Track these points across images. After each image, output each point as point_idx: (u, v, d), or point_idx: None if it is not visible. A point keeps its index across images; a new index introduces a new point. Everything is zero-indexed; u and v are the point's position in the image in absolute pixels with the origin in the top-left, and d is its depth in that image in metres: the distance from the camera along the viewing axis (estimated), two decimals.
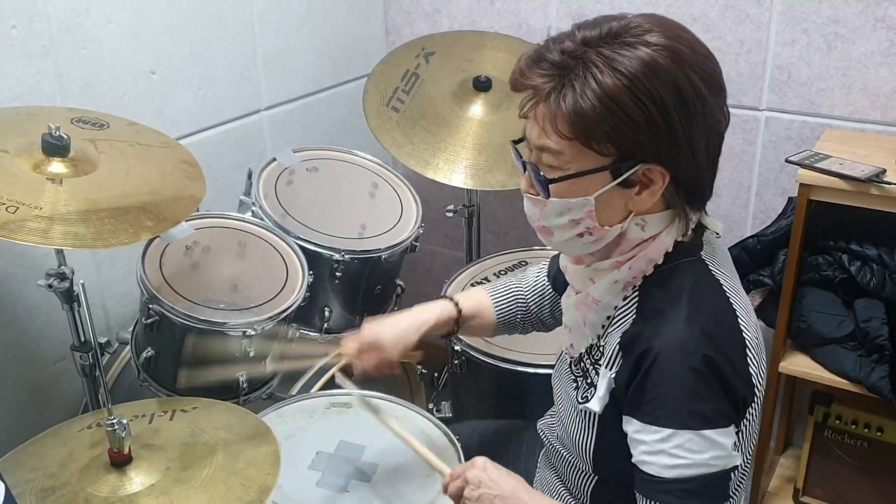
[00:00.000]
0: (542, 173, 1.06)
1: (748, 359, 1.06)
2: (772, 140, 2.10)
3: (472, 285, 2.04)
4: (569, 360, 1.24)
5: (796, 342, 1.96)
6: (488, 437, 1.58)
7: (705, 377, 1.01)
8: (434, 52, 2.22)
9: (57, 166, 1.33)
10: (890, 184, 1.69)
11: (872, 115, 1.97)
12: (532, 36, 2.31)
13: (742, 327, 1.07)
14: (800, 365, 1.93)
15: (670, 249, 1.10)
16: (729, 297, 1.08)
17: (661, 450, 1.03)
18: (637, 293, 1.11)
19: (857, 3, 1.89)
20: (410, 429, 1.52)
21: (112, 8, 1.73)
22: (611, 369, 1.10)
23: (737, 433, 1.05)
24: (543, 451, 1.39)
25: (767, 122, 2.09)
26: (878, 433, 1.97)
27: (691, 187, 1.08)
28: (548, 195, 1.07)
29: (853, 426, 2.00)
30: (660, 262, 1.10)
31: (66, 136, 1.34)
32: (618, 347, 1.09)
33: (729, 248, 1.98)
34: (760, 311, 1.99)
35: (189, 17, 1.91)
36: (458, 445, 1.48)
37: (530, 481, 1.44)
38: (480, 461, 1.21)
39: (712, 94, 1.03)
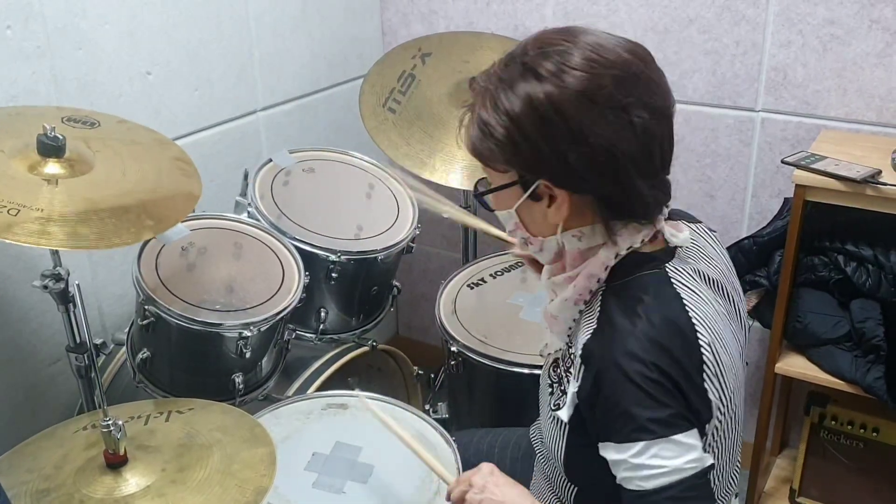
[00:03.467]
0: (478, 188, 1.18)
1: (704, 375, 1.05)
2: (767, 141, 2.10)
3: (469, 286, 2.04)
4: (550, 362, 1.25)
5: (792, 343, 1.96)
6: (484, 448, 1.58)
7: (658, 383, 1.02)
8: (430, 53, 2.23)
9: (53, 167, 1.33)
10: (885, 184, 1.69)
11: (868, 116, 1.97)
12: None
13: (701, 344, 1.06)
14: (796, 366, 1.93)
15: (610, 264, 1.10)
16: (688, 313, 1.07)
17: (638, 464, 1.03)
18: (600, 303, 1.12)
19: (853, 4, 1.90)
20: (408, 431, 1.53)
21: (108, 8, 1.73)
22: (577, 381, 1.11)
23: (702, 438, 1.05)
24: (537, 457, 1.39)
25: (763, 124, 2.09)
26: (874, 434, 1.97)
27: (609, 202, 1.08)
28: (485, 207, 1.19)
29: (849, 427, 2.00)
30: (602, 276, 1.11)
31: (61, 137, 1.33)
32: (581, 360, 1.10)
33: (725, 249, 2.00)
34: (756, 312, 2.00)
35: (185, 18, 1.91)
36: (455, 447, 1.48)
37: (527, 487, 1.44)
38: (487, 467, 1.21)
39: (587, 108, 1.01)
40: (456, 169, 2.05)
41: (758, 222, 2.14)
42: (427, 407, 2.00)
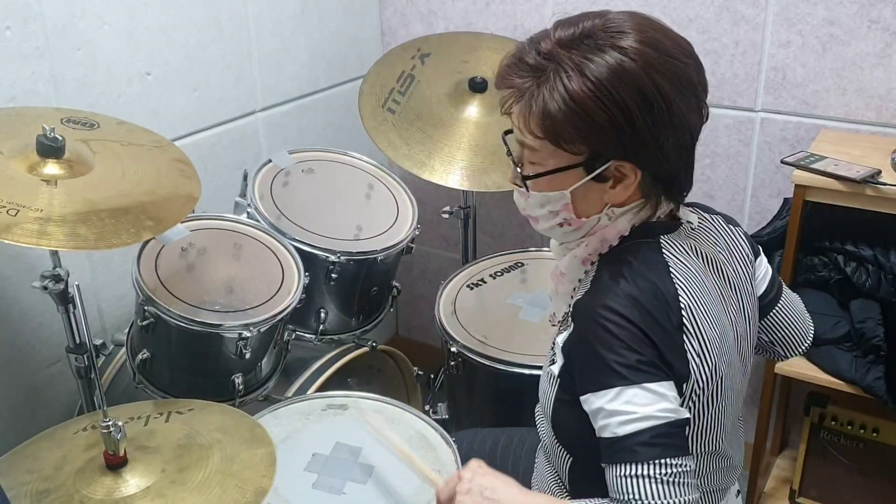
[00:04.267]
0: (520, 169, 1.15)
1: (684, 336, 1.08)
2: (767, 141, 2.10)
3: (468, 287, 2.04)
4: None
5: None
6: (488, 447, 1.58)
7: (631, 333, 1.05)
8: (429, 53, 2.22)
9: (52, 168, 1.32)
10: (885, 184, 1.69)
11: (867, 116, 1.97)
12: (527, 37, 2.30)
13: (682, 306, 1.09)
14: (795, 366, 1.93)
15: (626, 233, 1.15)
16: (673, 278, 1.11)
17: (612, 410, 1.05)
18: (596, 266, 1.17)
19: (852, 4, 1.90)
20: (407, 432, 1.53)
21: (107, 9, 1.73)
22: (565, 335, 1.15)
23: (679, 395, 1.07)
24: (541, 442, 1.39)
25: (763, 124, 2.09)
26: (874, 434, 1.97)
27: (666, 180, 1.13)
28: (527, 189, 1.15)
29: (849, 427, 2.00)
30: (614, 243, 1.16)
31: (60, 138, 1.33)
32: (570, 315, 1.15)
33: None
34: None
35: (184, 19, 1.91)
36: (455, 447, 1.48)
37: (529, 481, 1.44)
38: (474, 462, 1.22)
39: (680, 94, 1.07)
40: (455, 170, 2.05)
41: (757, 222, 2.14)
42: (427, 407, 2.00)
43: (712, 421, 1.15)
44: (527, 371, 1.74)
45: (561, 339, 1.17)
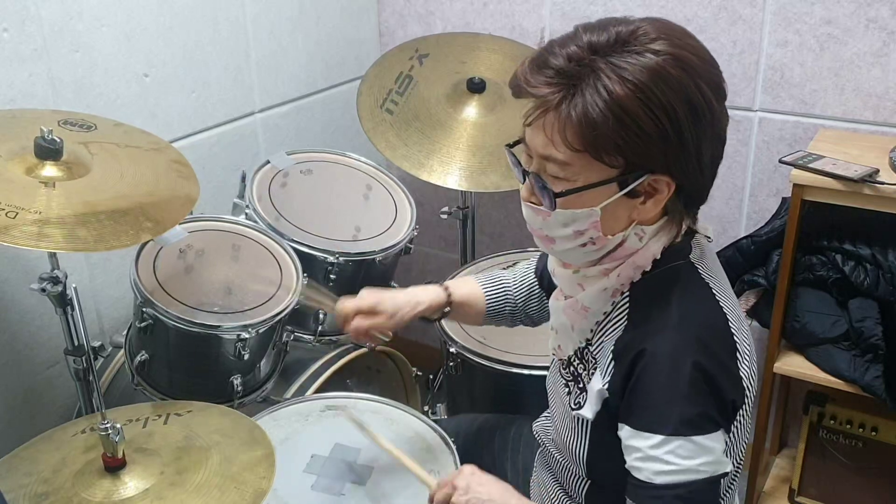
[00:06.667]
0: (548, 186, 1.04)
1: (738, 361, 1.06)
2: (765, 141, 2.10)
3: None
4: (559, 362, 1.24)
5: (791, 342, 1.96)
6: (473, 434, 1.58)
7: (696, 382, 1.01)
8: (427, 53, 2.22)
9: (50, 170, 1.32)
10: (883, 183, 1.69)
11: (865, 115, 1.97)
12: (525, 38, 2.31)
13: (732, 330, 1.07)
14: (794, 365, 1.93)
15: (658, 256, 1.09)
16: (719, 301, 1.08)
17: (652, 456, 1.02)
18: (627, 299, 1.11)
19: (850, 3, 1.90)
20: (406, 433, 1.53)
21: (105, 11, 1.73)
22: (604, 378, 1.10)
23: (727, 438, 1.05)
24: (539, 451, 1.39)
25: (761, 123, 2.09)
26: (873, 433, 1.97)
27: (693, 194, 1.08)
28: (554, 207, 1.04)
29: (848, 426, 2.00)
30: (648, 268, 1.09)
31: (58, 140, 1.33)
32: (612, 356, 1.09)
33: (723, 249, 2.01)
34: (755, 312, 2.00)
35: (182, 20, 1.91)
36: (454, 448, 1.48)
37: (519, 475, 1.44)
38: (468, 468, 1.21)
39: (718, 101, 1.03)
40: (453, 170, 2.05)
41: (756, 222, 2.14)
42: (426, 408, 2.00)
43: (747, 425, 1.12)
44: (526, 371, 1.73)
45: (597, 385, 1.10)
